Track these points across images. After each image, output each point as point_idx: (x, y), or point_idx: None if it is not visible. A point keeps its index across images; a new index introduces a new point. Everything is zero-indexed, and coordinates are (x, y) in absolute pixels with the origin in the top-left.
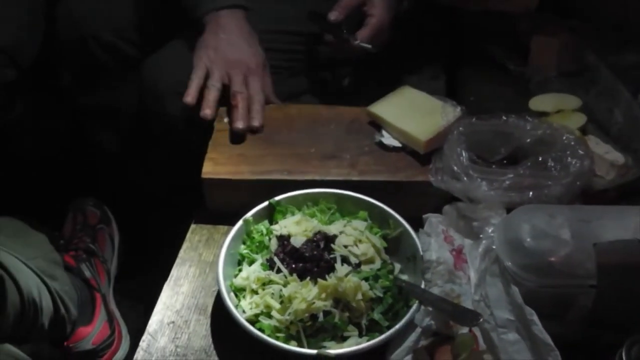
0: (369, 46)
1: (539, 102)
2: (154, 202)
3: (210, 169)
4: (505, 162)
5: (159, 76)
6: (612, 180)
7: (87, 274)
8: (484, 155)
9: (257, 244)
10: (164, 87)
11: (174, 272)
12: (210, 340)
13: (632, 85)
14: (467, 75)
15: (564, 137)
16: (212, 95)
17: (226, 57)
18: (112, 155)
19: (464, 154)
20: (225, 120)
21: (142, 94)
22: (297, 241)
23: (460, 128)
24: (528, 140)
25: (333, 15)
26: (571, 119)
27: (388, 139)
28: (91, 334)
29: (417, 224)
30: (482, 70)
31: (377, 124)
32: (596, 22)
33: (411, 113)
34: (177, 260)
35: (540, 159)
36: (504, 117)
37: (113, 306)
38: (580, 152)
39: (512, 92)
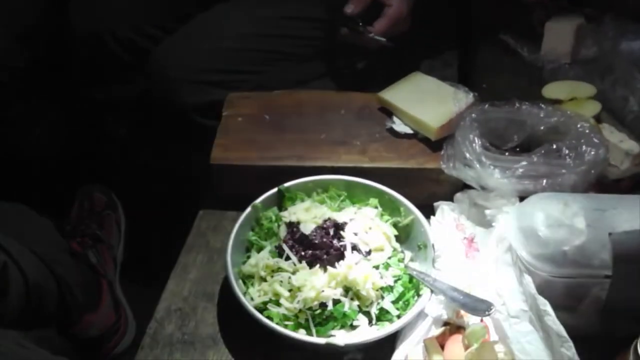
0: (384, 39)
1: (552, 90)
2: (163, 188)
3: (219, 155)
4: (518, 149)
5: (169, 63)
6: (627, 170)
7: (93, 260)
8: (496, 142)
9: (266, 230)
10: (174, 74)
11: (182, 258)
12: (218, 327)
13: None
14: (480, 62)
15: (579, 125)
16: None
17: None
18: (121, 142)
19: (476, 141)
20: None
21: (151, 81)
22: (307, 228)
23: (473, 115)
24: (542, 128)
25: (349, 8)
26: (585, 106)
27: (399, 126)
28: (97, 320)
29: (429, 212)
30: (495, 58)
31: (388, 111)
32: (611, 10)
33: (423, 99)
34: (185, 247)
35: (554, 147)
36: (517, 105)
37: (119, 293)
38: (595, 140)
39: (526, 79)
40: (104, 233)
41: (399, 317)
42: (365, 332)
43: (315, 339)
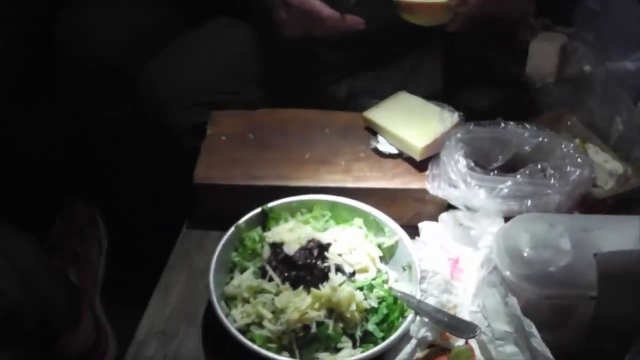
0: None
1: None
2: (146, 205)
3: (203, 173)
4: (503, 169)
5: (159, 82)
6: (611, 189)
7: (74, 277)
8: (481, 162)
9: (250, 251)
10: (164, 93)
11: (164, 278)
12: (201, 349)
13: (632, 93)
14: (466, 80)
15: (563, 145)
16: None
17: None
18: (105, 159)
19: (461, 161)
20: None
21: (140, 101)
22: (291, 249)
23: (458, 135)
24: (527, 147)
25: None
26: None
27: (384, 145)
28: (77, 339)
29: (413, 232)
30: (480, 76)
31: (373, 130)
32: (595, 29)
33: (408, 119)
34: (167, 266)
35: (539, 167)
36: (503, 124)
37: (100, 311)
38: (580, 160)
39: (511, 98)
40: (85, 250)
41: (383, 339)
42: (349, 355)
43: None
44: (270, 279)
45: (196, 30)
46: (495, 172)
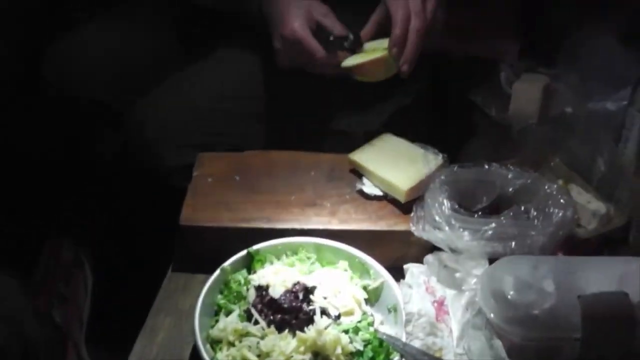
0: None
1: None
2: (132, 247)
3: (189, 216)
4: (487, 211)
5: (147, 123)
6: (594, 230)
7: (58, 320)
8: (466, 204)
9: (235, 294)
10: (152, 134)
11: (149, 321)
12: None
13: (614, 133)
14: (449, 122)
15: (547, 187)
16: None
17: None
18: (91, 198)
19: (445, 203)
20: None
21: (128, 140)
22: (276, 292)
23: (442, 177)
24: (511, 189)
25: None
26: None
27: (369, 188)
28: None
29: (399, 274)
30: (464, 117)
31: (358, 172)
32: (577, 70)
33: (392, 161)
34: (153, 309)
35: (522, 209)
36: (486, 166)
37: (85, 354)
38: (563, 201)
39: (495, 139)
40: (70, 291)
41: None
42: None
43: None
44: (256, 322)
45: (187, 69)
46: (480, 213)
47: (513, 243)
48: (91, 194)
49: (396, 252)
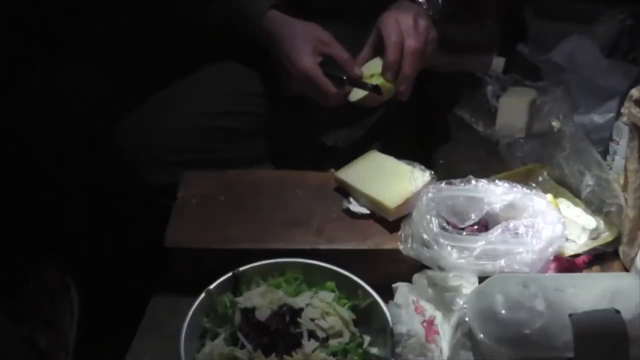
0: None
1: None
2: (118, 269)
3: (174, 238)
4: (476, 227)
5: (133, 142)
6: (584, 244)
7: (44, 344)
8: (454, 221)
9: (221, 317)
10: (138, 153)
11: (135, 344)
12: None
13: (601, 145)
14: (436, 137)
15: (535, 202)
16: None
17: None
18: (77, 220)
19: (433, 221)
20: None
21: (113, 161)
22: (262, 314)
23: (430, 194)
24: (499, 205)
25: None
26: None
27: (355, 206)
28: None
29: (387, 293)
30: (451, 133)
31: (345, 190)
32: (563, 83)
33: (379, 178)
34: (138, 333)
35: (511, 225)
36: (474, 182)
37: None
38: (552, 217)
39: (482, 154)
40: (55, 316)
41: None
42: None
43: None
44: (242, 346)
45: (169, 87)
46: (468, 230)
47: (502, 261)
48: (76, 216)
49: (384, 272)
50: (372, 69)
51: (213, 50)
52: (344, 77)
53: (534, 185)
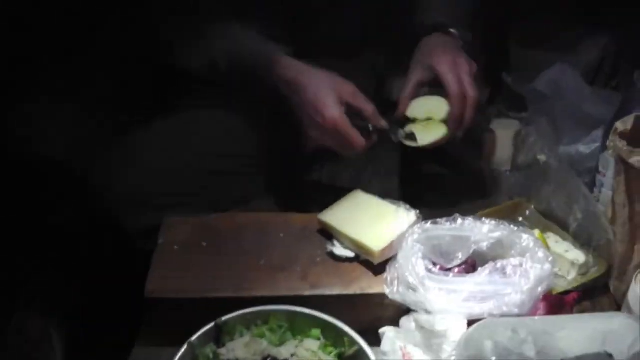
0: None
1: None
2: (98, 319)
3: (154, 287)
4: (464, 267)
5: (111, 185)
6: (574, 280)
7: None
8: (440, 261)
9: None
10: (116, 197)
11: None
12: None
13: (587, 176)
14: (422, 172)
15: (523, 240)
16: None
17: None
18: (55, 269)
19: (419, 264)
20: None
21: (91, 205)
22: None
23: (415, 235)
24: (486, 243)
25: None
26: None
27: (339, 249)
28: None
29: (374, 337)
30: (437, 167)
31: (329, 232)
32: (547, 114)
33: (363, 220)
34: None
35: (499, 265)
36: (460, 220)
37: None
38: (540, 255)
39: (468, 189)
40: None
41: None
42: None
43: None
44: None
45: (150, 128)
46: (455, 270)
47: (491, 303)
48: (57, 263)
49: (371, 316)
50: (424, 110)
51: (192, 91)
52: (370, 128)
53: (521, 219)
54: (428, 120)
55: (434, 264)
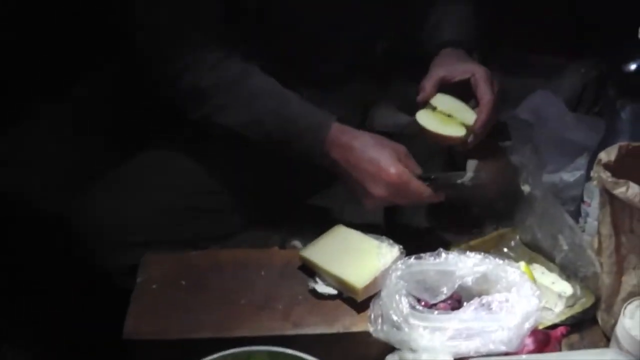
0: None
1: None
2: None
3: (132, 329)
4: (449, 302)
5: (89, 223)
6: (561, 313)
7: None
8: (425, 297)
9: None
10: (95, 232)
11: None
12: None
13: (572, 204)
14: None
15: (509, 274)
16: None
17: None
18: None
19: (403, 301)
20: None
21: (68, 243)
22: None
23: (398, 272)
24: (471, 278)
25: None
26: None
27: (322, 287)
28: None
29: None
30: None
31: (311, 268)
32: (530, 142)
33: (346, 256)
34: None
35: (484, 301)
36: (444, 255)
37: None
38: (526, 289)
39: (451, 218)
40: None
41: None
42: None
43: None
44: None
45: (128, 165)
46: (441, 306)
47: (477, 340)
48: (33, 302)
49: (355, 355)
50: (448, 106)
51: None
52: (432, 177)
53: (506, 250)
54: (448, 117)
55: (419, 300)
